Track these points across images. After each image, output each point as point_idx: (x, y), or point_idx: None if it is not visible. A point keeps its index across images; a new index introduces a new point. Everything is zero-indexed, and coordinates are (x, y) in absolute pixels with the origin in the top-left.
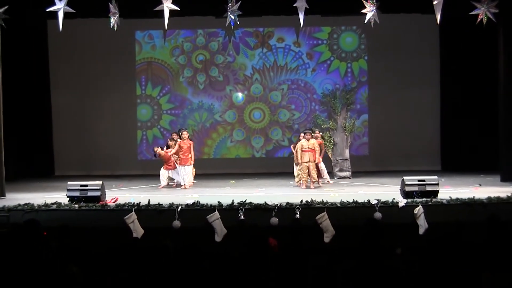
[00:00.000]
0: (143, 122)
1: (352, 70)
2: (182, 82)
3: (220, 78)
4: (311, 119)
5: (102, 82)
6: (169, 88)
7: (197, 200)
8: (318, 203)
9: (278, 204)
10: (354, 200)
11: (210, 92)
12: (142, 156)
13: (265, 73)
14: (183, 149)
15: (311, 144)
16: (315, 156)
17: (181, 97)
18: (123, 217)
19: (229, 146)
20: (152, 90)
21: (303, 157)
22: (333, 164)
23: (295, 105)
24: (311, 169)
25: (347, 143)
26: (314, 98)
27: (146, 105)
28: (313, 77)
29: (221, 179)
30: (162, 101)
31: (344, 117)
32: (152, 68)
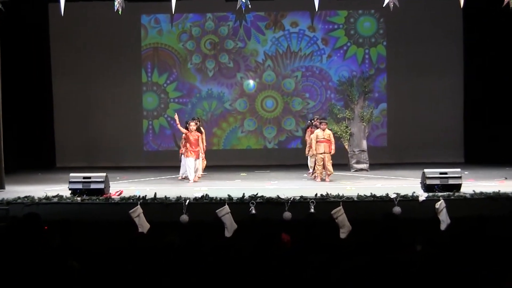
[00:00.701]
0: (149, 111)
1: (370, 57)
2: (190, 69)
3: (230, 65)
4: (327, 108)
5: (106, 69)
6: (177, 75)
7: (206, 193)
8: (333, 196)
9: (291, 197)
10: (371, 193)
11: (220, 80)
12: (148, 147)
13: (278, 60)
14: (190, 141)
15: (327, 134)
16: (331, 147)
17: (189, 85)
18: (128, 211)
19: (240, 136)
20: (159, 77)
21: (318, 148)
22: (350, 156)
23: (310, 93)
24: (327, 161)
25: (364, 133)
26: (329, 86)
27: (152, 93)
28: (328, 64)
29: (231, 171)
30: (169, 89)
31: (361, 106)
32: (158, 54)
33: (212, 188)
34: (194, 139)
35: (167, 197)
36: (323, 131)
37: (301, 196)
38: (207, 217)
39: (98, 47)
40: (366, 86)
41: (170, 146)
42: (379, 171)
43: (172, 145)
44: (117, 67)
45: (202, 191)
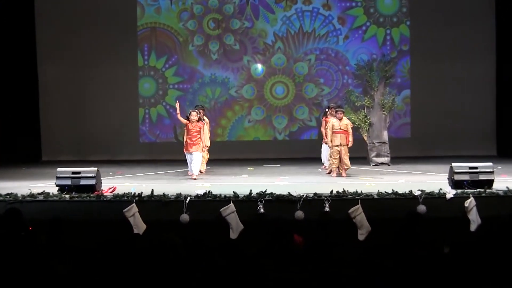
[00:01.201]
0: (145, 99)
1: (392, 38)
2: (192, 51)
3: (236, 47)
4: (343, 95)
5: (98, 52)
6: (176, 58)
7: (209, 190)
8: (351, 194)
9: (304, 195)
10: (393, 190)
11: (225, 63)
12: (144, 138)
13: (289, 41)
14: (190, 132)
15: (343, 124)
16: (348, 139)
17: (190, 69)
18: (122, 210)
19: (247, 126)
20: (157, 61)
21: (334, 139)
22: (369, 149)
23: (325, 78)
24: (343, 154)
25: (385, 123)
26: (346, 70)
27: (149, 79)
28: (345, 46)
29: (237, 165)
30: (168, 73)
31: (382, 93)
32: (156, 35)
33: (215, 184)
34: (196, 130)
35: (166, 195)
36: (339, 120)
37: (314, 193)
38: (210, 217)
39: (89, 28)
40: (387, 70)
41: (169, 137)
42: (402, 165)
43: (171, 136)
44: (110, 50)
45: (204, 188)
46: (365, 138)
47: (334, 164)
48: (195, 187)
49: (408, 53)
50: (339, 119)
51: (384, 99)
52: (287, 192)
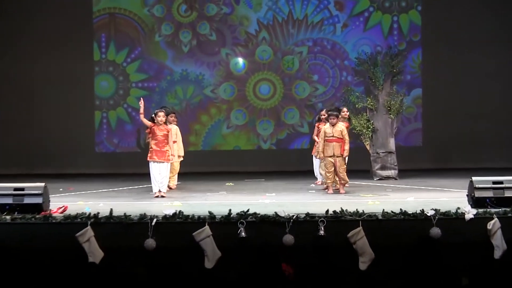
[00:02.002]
0: (103, 100)
1: (400, 26)
2: (159, 42)
3: (212, 37)
4: (341, 95)
5: (45, 44)
6: (140, 51)
7: (180, 209)
8: (350, 214)
9: (294, 215)
10: (402, 210)
11: (199, 57)
12: (102, 147)
13: (276, 30)
14: (156, 138)
15: (337, 131)
16: (343, 148)
17: (157, 64)
18: (74, 234)
19: (225, 133)
20: (116, 54)
21: (326, 149)
22: (372, 160)
23: (319, 75)
24: (338, 166)
25: (392, 129)
26: (345, 65)
27: (107, 76)
28: (344, 36)
29: (213, 180)
30: (130, 69)
31: (388, 92)
32: (116, 23)
33: (187, 203)
34: (163, 135)
35: (127, 215)
36: (332, 126)
37: (307, 214)
38: (181, 242)
39: (36, 16)
40: (394, 65)
41: (131, 147)
42: (412, 180)
43: (133, 145)
44: (59, 41)
45: (174, 207)
46: (367, 147)
47: (329, 179)
48: (162, 206)
49: (420, 44)
50: (332, 124)
51: (390, 100)
52: (273, 212)
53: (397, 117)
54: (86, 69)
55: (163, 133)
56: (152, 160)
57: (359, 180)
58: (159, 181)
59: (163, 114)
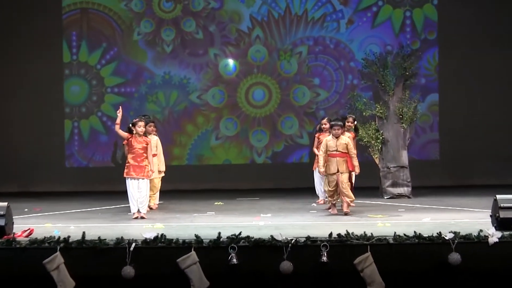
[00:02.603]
0: (74, 107)
1: (413, 22)
2: (138, 41)
3: (198, 36)
4: (346, 101)
5: (7, 44)
6: (116, 51)
7: (161, 233)
8: (357, 237)
9: (292, 239)
10: (416, 233)
11: (183, 58)
12: (72, 161)
13: (271, 28)
14: (134, 151)
15: (342, 144)
16: (351, 164)
17: (135, 66)
18: (42, 261)
19: (214, 145)
20: (89, 55)
21: (328, 165)
22: (382, 175)
23: (321, 78)
24: (342, 182)
25: (404, 140)
26: (350, 67)
27: (78, 80)
28: (349, 34)
29: (200, 198)
30: (104, 72)
31: (399, 98)
32: (88, 19)
33: (171, 225)
34: (141, 147)
35: (102, 240)
36: (335, 138)
37: (307, 237)
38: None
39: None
40: (406, 67)
41: (106, 161)
42: (428, 198)
43: (108, 159)
44: (22, 40)
45: (155, 230)
46: (376, 161)
47: (331, 199)
48: (142, 229)
49: (436, 43)
50: (336, 136)
51: (402, 106)
52: (269, 236)
53: (411, 126)
54: (54, 72)
55: (141, 145)
56: (129, 177)
57: (367, 199)
58: (138, 200)
59: (142, 123)
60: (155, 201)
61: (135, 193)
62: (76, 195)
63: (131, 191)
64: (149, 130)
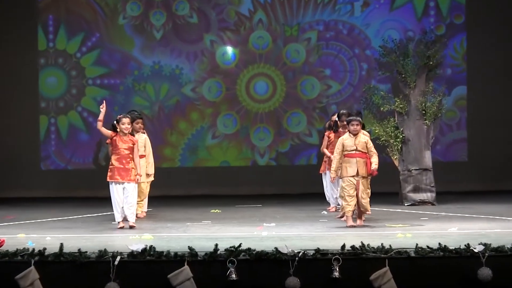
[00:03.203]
0: (50, 101)
1: (438, 5)
2: (123, 26)
3: (193, 20)
4: (361, 95)
5: None
6: (99, 38)
7: (150, 244)
8: (374, 250)
9: (300, 252)
10: (441, 245)
11: (175, 45)
12: (49, 163)
13: (276, 11)
14: (119, 152)
15: (362, 142)
16: (369, 165)
17: (120, 55)
18: (14, 277)
19: (210, 145)
20: (68, 42)
21: (346, 167)
22: (402, 179)
23: (332, 69)
24: (362, 190)
25: (428, 139)
26: (366, 56)
27: (56, 70)
28: (365, 18)
29: (194, 205)
30: (85, 62)
31: (422, 91)
32: (67, 1)
33: (161, 236)
34: (127, 147)
35: (83, 252)
36: (353, 136)
37: (317, 250)
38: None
39: None
40: (430, 56)
41: (87, 163)
42: (454, 205)
43: (90, 160)
44: None
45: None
46: (396, 162)
47: (349, 206)
48: (128, 240)
49: (464, 28)
50: (354, 133)
51: (425, 101)
52: (273, 248)
53: (435, 123)
54: (28, 61)
55: (127, 145)
56: (113, 181)
57: (385, 206)
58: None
59: (127, 121)
60: (142, 208)
61: (119, 200)
62: (53, 201)
63: (115, 197)
64: (136, 127)
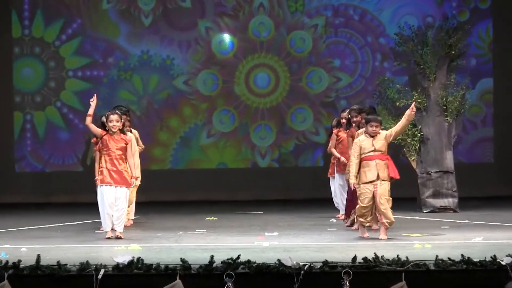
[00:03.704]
0: (26, 95)
1: None
2: (107, 11)
3: (186, 4)
4: (374, 88)
5: None
6: (80, 24)
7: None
8: (389, 262)
9: (306, 265)
10: (464, 257)
11: (166, 33)
12: (25, 165)
13: None
14: (109, 151)
15: (381, 142)
16: (392, 168)
17: (105, 44)
18: None
19: (205, 144)
20: (45, 29)
21: (364, 172)
22: (421, 183)
23: (341, 59)
24: (380, 196)
25: (449, 139)
26: (380, 44)
27: (32, 60)
28: (378, 2)
29: (187, 212)
30: (65, 51)
31: (443, 84)
32: None
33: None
34: (120, 147)
35: (63, 265)
36: (371, 137)
37: (324, 262)
38: None
39: None
40: (452, 44)
41: (68, 164)
42: (479, 212)
43: (71, 161)
44: None
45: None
46: (413, 164)
47: (364, 216)
48: (113, 251)
49: (490, 14)
50: (372, 134)
51: (447, 95)
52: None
53: (457, 120)
54: (1, 50)
55: (119, 145)
56: (105, 185)
57: (401, 213)
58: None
59: (115, 117)
60: (129, 215)
61: (111, 206)
62: (29, 207)
63: (106, 203)
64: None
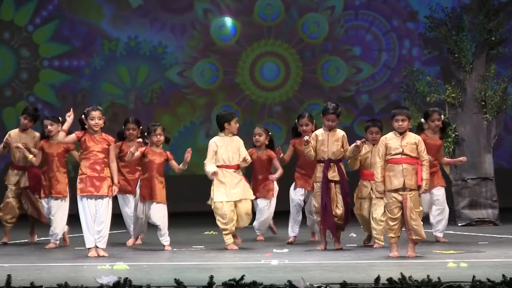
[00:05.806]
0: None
1: None
2: None
3: None
4: (401, 80)
5: None
6: (57, 6)
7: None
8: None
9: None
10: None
11: (157, 15)
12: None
13: None
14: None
15: (411, 144)
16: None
17: (86, 28)
18: None
19: (204, 146)
20: (15, 10)
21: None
22: (455, 191)
23: (363, 47)
24: (410, 208)
25: (489, 140)
26: (408, 30)
27: (0, 48)
28: None
29: (183, 225)
30: (39, 37)
31: (481, 76)
32: None
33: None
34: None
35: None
36: (399, 135)
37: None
38: None
39: None
40: (492, 29)
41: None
42: None
43: None
44: None
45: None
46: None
47: (392, 232)
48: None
49: None
50: (400, 131)
51: (486, 88)
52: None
53: (498, 118)
54: None
55: (101, 146)
56: (84, 195)
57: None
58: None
59: (98, 114)
60: None
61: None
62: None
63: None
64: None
